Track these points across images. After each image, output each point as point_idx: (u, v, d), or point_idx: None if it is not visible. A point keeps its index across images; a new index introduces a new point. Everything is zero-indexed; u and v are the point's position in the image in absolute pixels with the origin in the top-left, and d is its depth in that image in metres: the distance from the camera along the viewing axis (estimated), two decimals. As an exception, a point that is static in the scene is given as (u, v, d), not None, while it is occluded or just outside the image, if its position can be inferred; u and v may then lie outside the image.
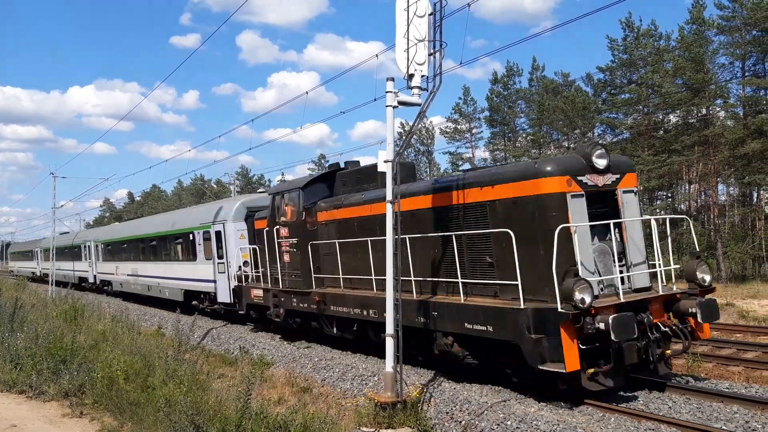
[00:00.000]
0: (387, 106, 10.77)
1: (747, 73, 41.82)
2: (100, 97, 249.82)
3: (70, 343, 13.25)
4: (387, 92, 10.76)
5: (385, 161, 10.80)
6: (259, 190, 25.15)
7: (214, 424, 7.88)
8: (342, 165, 17.29)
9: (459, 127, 66.30)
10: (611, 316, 9.37)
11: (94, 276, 41.14)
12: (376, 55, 15.77)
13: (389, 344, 10.44)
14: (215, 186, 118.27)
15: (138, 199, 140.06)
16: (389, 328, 10.48)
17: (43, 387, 11.91)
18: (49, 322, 15.86)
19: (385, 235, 10.75)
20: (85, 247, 42.89)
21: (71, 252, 46.70)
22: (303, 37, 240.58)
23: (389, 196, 10.61)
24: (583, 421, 9.35)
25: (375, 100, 14.75)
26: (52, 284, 37.12)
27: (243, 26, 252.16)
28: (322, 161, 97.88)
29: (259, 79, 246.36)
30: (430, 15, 10.77)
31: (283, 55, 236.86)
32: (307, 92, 20.04)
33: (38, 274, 60.34)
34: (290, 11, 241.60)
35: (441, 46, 10.65)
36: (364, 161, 16.89)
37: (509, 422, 9.55)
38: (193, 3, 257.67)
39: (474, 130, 66.31)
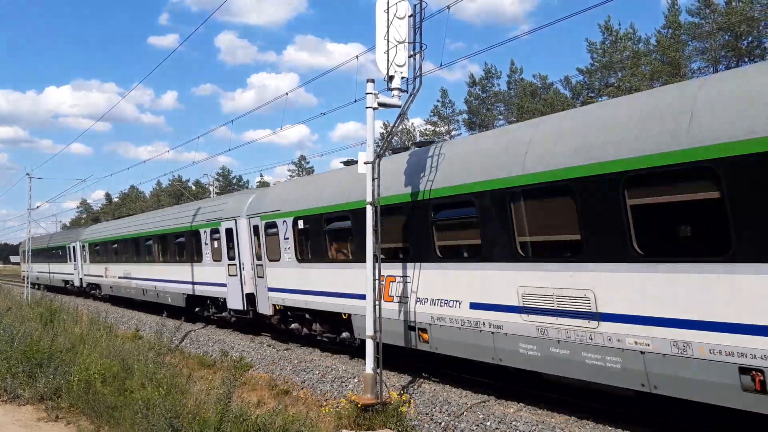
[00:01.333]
0: (367, 108, 10.78)
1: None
2: (77, 97, 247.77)
3: (47, 347, 13.10)
4: (367, 94, 10.77)
5: (365, 162, 10.80)
6: None
7: (192, 427, 7.83)
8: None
9: (438, 129, 66.59)
10: None
11: (253, 294, 18.90)
12: (356, 57, 15.73)
13: (369, 346, 10.43)
14: (194, 187, 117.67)
15: (116, 200, 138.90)
16: (368, 329, 10.48)
17: (19, 390, 11.74)
18: (25, 325, 15.65)
19: None
20: (214, 233, 20.91)
21: (171, 244, 24.93)
22: (282, 39, 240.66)
23: (369, 198, 10.61)
24: (562, 422, 9.42)
25: (355, 101, 14.71)
26: (27, 286, 36.54)
27: (221, 27, 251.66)
28: (303, 162, 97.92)
29: (238, 80, 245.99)
30: (410, 17, 10.80)
31: (262, 56, 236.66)
32: (287, 93, 19.87)
33: (79, 284, 39.21)
34: (269, 12, 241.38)
35: (421, 48, 10.68)
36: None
37: (488, 423, 9.59)
38: (171, 3, 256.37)
39: (453, 132, 66.64)
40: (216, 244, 20.55)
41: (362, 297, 12.60)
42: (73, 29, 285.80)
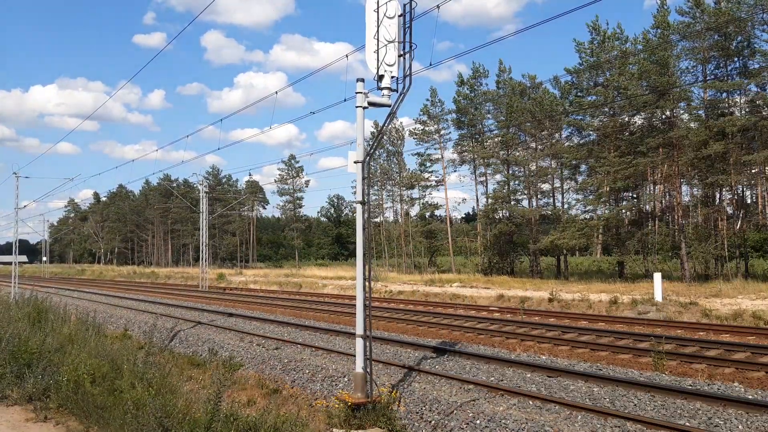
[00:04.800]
0: (357, 107, 10.78)
1: (709, 77, 42.70)
2: (63, 96, 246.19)
3: (36, 347, 13.00)
4: (357, 93, 10.77)
5: (355, 162, 10.80)
6: None
7: (183, 427, 7.81)
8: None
9: (427, 128, 66.67)
10: None
11: None
12: (346, 56, 15.70)
13: (359, 345, 10.43)
14: (183, 186, 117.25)
15: (104, 199, 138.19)
16: (359, 328, 10.48)
17: (6, 391, 11.66)
18: (13, 325, 15.53)
19: None
20: None
21: None
22: (269, 38, 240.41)
23: (359, 197, 10.61)
24: (551, 419, 9.48)
25: (345, 100, 14.71)
26: (14, 286, 36.31)
27: (207, 26, 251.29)
28: (292, 161, 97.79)
29: (225, 79, 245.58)
30: (399, 16, 10.81)
31: (248, 55, 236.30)
32: (276, 92, 19.83)
33: None
34: (255, 12, 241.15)
35: (411, 47, 10.69)
36: (333, 162, 16.02)
37: (478, 421, 9.63)
38: (156, 3, 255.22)
39: (442, 131, 66.75)
40: None
41: None
42: (58, 27, 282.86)
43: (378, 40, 10.57)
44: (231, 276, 68.18)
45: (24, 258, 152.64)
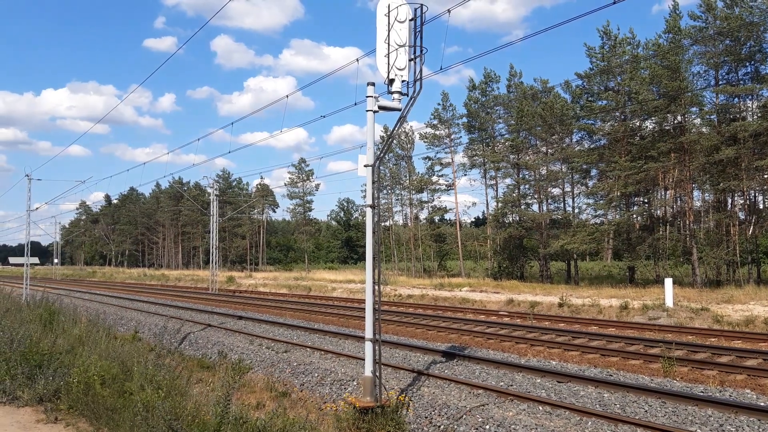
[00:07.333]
0: (368, 111, 10.79)
1: (720, 82, 42.45)
2: (75, 99, 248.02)
3: (47, 349, 13.06)
4: (368, 97, 10.78)
5: (365, 165, 10.81)
6: None
7: (192, 429, 7.82)
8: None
9: (438, 132, 66.68)
10: None
11: None
12: (357, 60, 15.72)
13: (368, 348, 10.43)
14: (193, 189, 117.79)
15: (115, 202, 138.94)
16: (368, 332, 10.48)
17: (18, 392, 11.72)
18: (25, 327, 15.62)
19: None
20: None
21: None
22: (278, 42, 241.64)
23: (369, 200, 10.61)
24: (561, 425, 9.43)
25: (355, 104, 14.72)
26: (26, 287, 36.51)
27: (218, 30, 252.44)
28: (302, 165, 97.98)
29: (235, 83, 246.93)
30: (410, 20, 10.82)
31: (258, 59, 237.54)
32: (287, 96, 19.90)
33: None
34: (265, 16, 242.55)
35: (421, 51, 10.70)
36: (342, 166, 16.06)
37: (487, 426, 9.60)
38: (167, 7, 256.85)
39: (453, 136, 66.72)
40: None
41: None
42: (70, 31, 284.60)
43: (389, 44, 10.58)
44: (241, 279, 68.38)
45: (36, 260, 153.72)
